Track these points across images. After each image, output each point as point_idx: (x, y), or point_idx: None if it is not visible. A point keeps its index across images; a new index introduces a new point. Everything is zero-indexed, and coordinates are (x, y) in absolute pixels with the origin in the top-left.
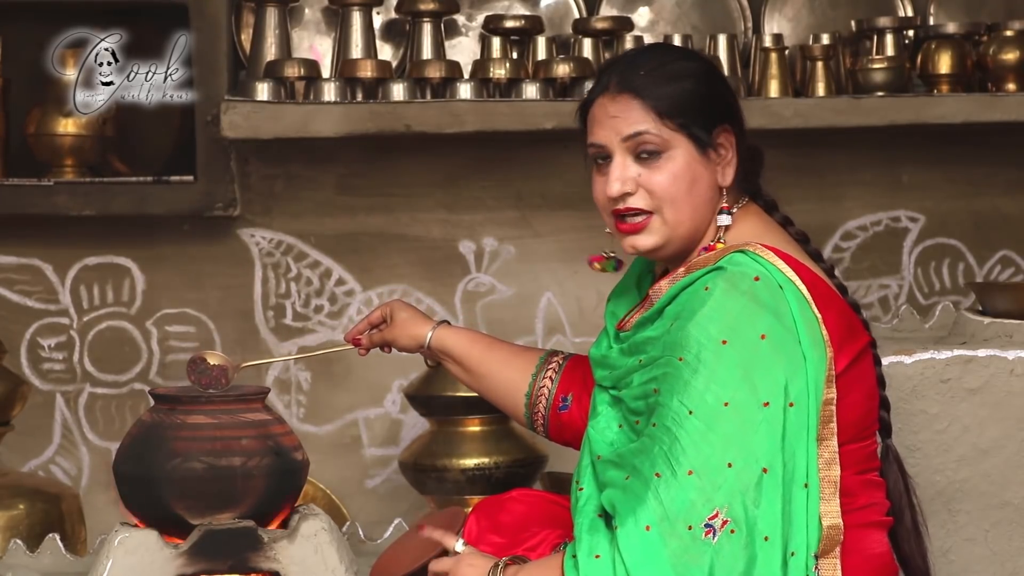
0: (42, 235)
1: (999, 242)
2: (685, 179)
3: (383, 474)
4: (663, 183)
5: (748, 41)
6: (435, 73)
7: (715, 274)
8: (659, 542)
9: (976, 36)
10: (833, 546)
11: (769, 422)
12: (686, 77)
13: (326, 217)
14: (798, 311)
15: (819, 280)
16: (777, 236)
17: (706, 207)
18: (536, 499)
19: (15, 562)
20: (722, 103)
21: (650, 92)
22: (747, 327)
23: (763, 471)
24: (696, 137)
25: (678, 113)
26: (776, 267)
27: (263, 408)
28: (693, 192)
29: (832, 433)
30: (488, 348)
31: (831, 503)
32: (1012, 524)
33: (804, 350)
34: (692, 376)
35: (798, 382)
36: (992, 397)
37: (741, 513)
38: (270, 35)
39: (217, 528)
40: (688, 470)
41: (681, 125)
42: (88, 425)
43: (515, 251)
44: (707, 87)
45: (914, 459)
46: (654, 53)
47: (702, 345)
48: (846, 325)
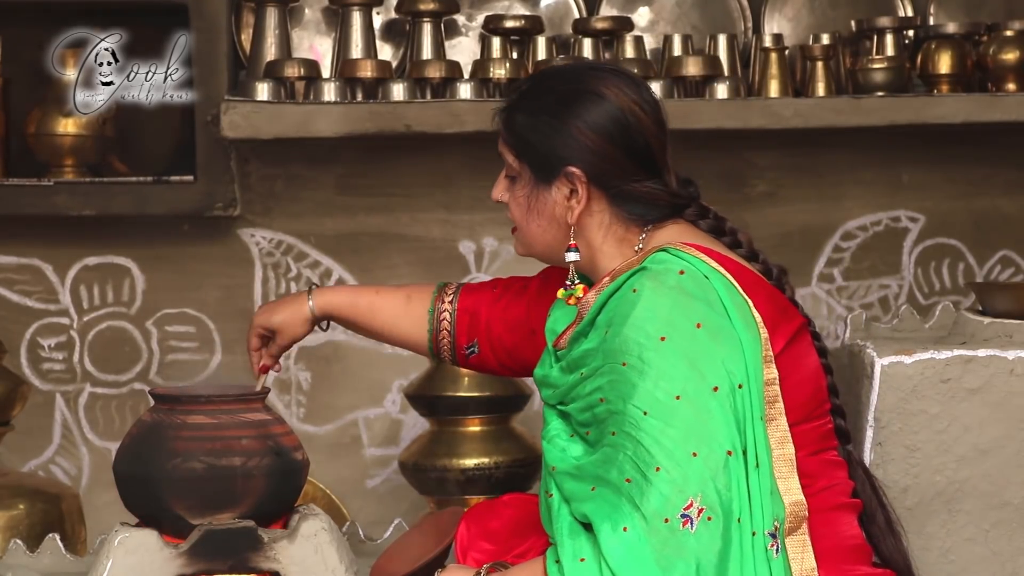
0: (42, 235)
1: (999, 242)
2: (523, 207)
3: (383, 474)
4: (512, 206)
5: (748, 41)
6: (435, 73)
7: (640, 275)
8: (640, 541)
9: (976, 36)
10: (799, 523)
11: (722, 406)
12: (540, 113)
13: (326, 217)
14: (727, 297)
15: (743, 268)
16: (699, 237)
17: (553, 237)
18: (528, 504)
19: (15, 562)
20: (575, 149)
21: (509, 123)
22: (682, 319)
23: (727, 454)
24: (535, 169)
25: (523, 150)
26: (698, 259)
27: (263, 408)
28: (534, 222)
29: (780, 412)
30: (370, 305)
31: (789, 480)
32: (1012, 524)
33: (739, 333)
34: (639, 378)
35: (738, 365)
36: (992, 397)
37: (715, 498)
38: (270, 35)
39: (217, 528)
40: (656, 467)
41: (526, 160)
42: (88, 425)
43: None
44: (556, 127)
45: (914, 459)
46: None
47: (642, 346)
48: (776, 307)
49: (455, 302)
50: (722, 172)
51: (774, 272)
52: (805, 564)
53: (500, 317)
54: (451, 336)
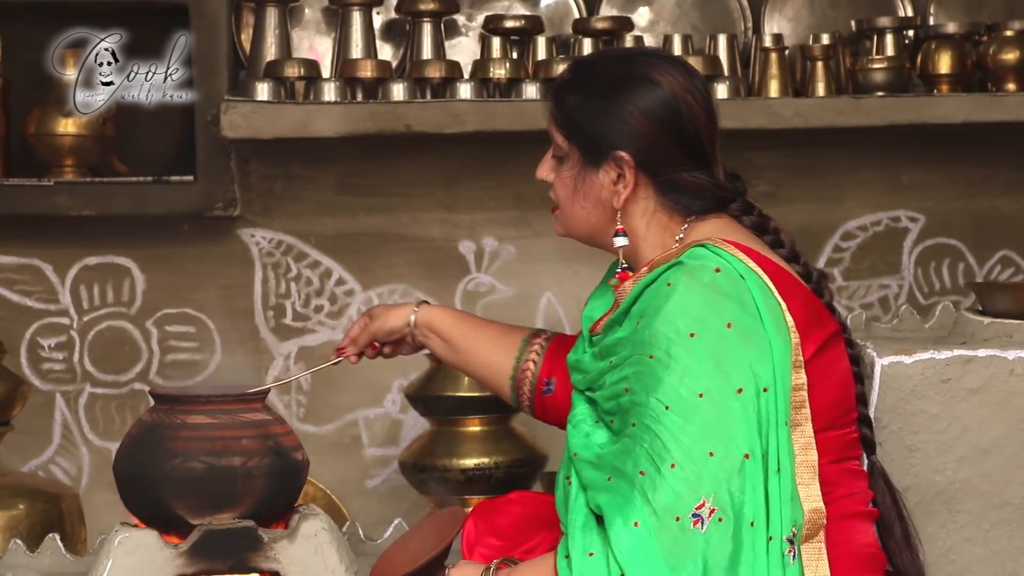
0: (42, 235)
1: (999, 242)
2: (569, 189)
3: (383, 474)
4: (556, 187)
5: (748, 41)
6: (435, 73)
7: (676, 269)
8: (650, 537)
9: (976, 36)
10: (816, 530)
11: (745, 408)
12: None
13: (326, 217)
14: (761, 299)
15: (781, 270)
16: (740, 234)
17: (597, 220)
18: (534, 501)
19: (15, 562)
20: (625, 134)
21: (559, 103)
22: (713, 318)
23: (745, 457)
24: (584, 150)
25: (574, 131)
26: (736, 258)
27: (263, 408)
28: (578, 204)
29: (806, 419)
30: (472, 327)
31: (811, 487)
32: (1012, 524)
33: (769, 336)
34: (664, 372)
35: (766, 368)
36: (992, 397)
37: (727, 500)
38: (270, 35)
39: (217, 528)
40: (671, 463)
41: (576, 142)
42: (88, 425)
43: (515, 251)
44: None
45: (914, 459)
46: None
47: (671, 340)
48: (812, 312)
49: (549, 340)
50: None
51: (814, 275)
52: (819, 572)
53: None
54: (535, 369)
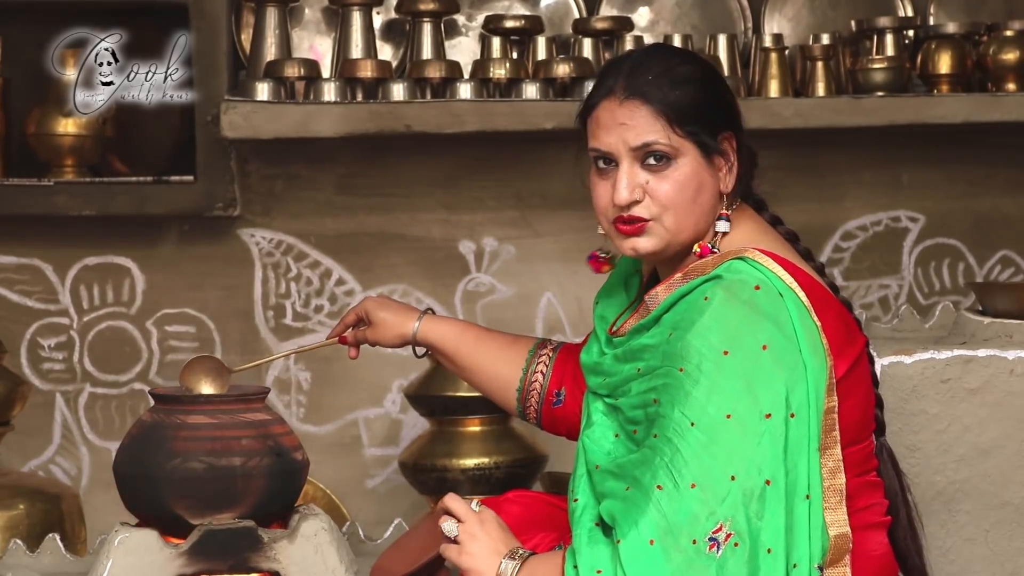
0: (42, 235)
1: (999, 242)
2: (691, 187)
3: (383, 474)
4: (670, 192)
5: (748, 41)
6: (435, 73)
7: (714, 283)
8: (663, 557)
9: (976, 36)
10: (842, 555)
11: (771, 433)
12: (692, 81)
13: (326, 217)
14: (798, 320)
15: (816, 284)
16: (771, 238)
17: (709, 214)
18: (533, 501)
19: (15, 562)
20: (726, 108)
21: (659, 98)
22: (748, 337)
23: (766, 483)
24: (703, 144)
25: (688, 120)
26: (775, 274)
27: (263, 408)
28: (698, 200)
29: (835, 441)
30: (476, 341)
31: (837, 512)
32: (1012, 524)
33: (805, 359)
34: (693, 387)
35: (799, 393)
36: (992, 397)
37: (744, 525)
38: (270, 35)
39: (217, 528)
40: (691, 483)
41: (690, 133)
42: (88, 425)
43: (515, 251)
44: (712, 92)
45: (914, 459)
46: (659, 55)
47: (703, 355)
48: (844, 330)
49: (556, 351)
50: None
51: (839, 289)
52: None
53: None
54: (544, 380)
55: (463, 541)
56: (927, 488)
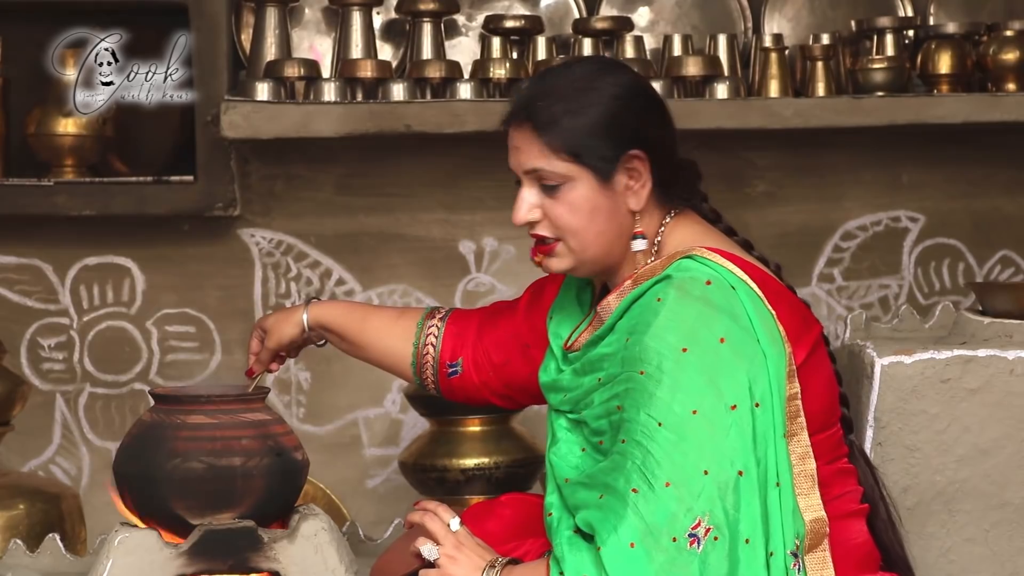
0: (42, 235)
1: (999, 242)
2: (584, 210)
3: (383, 474)
4: (564, 215)
5: (748, 41)
6: (435, 73)
7: (665, 283)
8: (645, 558)
9: (976, 36)
10: (820, 540)
11: (739, 425)
12: (592, 106)
13: (326, 217)
14: (753, 310)
15: (765, 275)
16: (714, 236)
17: (619, 233)
18: (526, 505)
19: (15, 562)
20: (630, 130)
21: (547, 127)
22: (705, 332)
23: (739, 474)
24: (596, 168)
25: (573, 148)
26: (726, 268)
27: (263, 408)
28: (595, 221)
29: (802, 427)
30: (363, 318)
31: (811, 497)
32: (1012, 524)
33: (764, 349)
34: (656, 388)
35: (761, 382)
36: (992, 397)
37: (722, 519)
38: (270, 35)
39: (217, 528)
40: (665, 482)
41: (577, 158)
42: (88, 425)
43: (515, 251)
44: (614, 114)
45: (914, 459)
46: (564, 77)
47: (662, 356)
48: (799, 317)
49: (445, 320)
50: (722, 172)
51: (782, 273)
52: None
53: (489, 333)
54: (435, 351)
55: (442, 565)
56: (927, 488)
